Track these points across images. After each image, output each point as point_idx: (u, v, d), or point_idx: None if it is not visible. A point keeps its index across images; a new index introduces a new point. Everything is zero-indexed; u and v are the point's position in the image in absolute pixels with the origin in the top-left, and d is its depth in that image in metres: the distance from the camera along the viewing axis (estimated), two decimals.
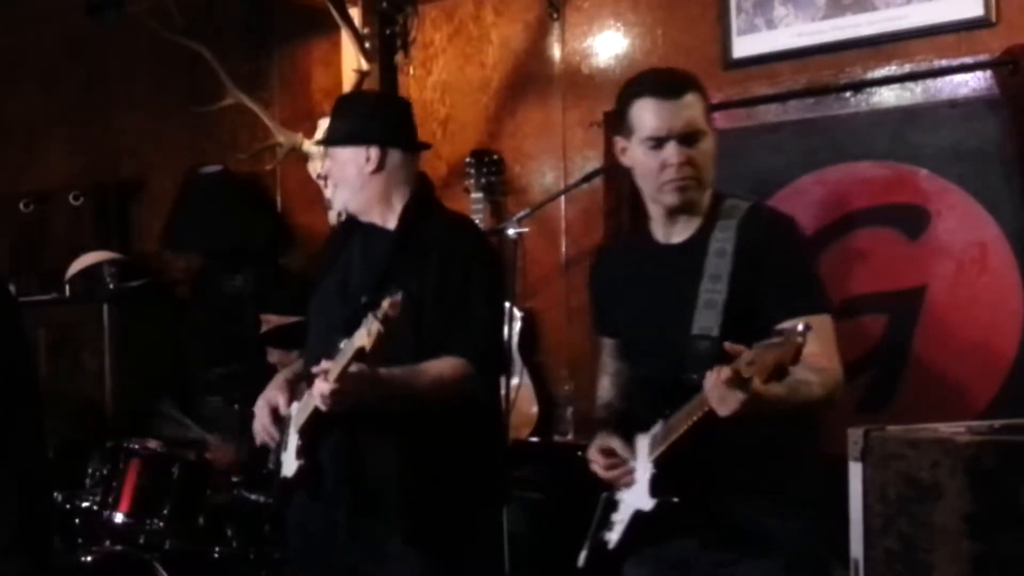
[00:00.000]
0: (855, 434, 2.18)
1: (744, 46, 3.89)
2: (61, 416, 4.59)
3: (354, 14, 4.53)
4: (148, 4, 4.78)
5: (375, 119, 2.84)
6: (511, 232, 4.11)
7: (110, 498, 3.68)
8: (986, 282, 3.44)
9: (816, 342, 2.08)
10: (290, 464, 2.75)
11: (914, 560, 2.06)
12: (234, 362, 4.50)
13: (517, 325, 4.21)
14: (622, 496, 2.41)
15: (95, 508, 3.70)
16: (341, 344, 2.45)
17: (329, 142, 2.90)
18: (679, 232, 2.47)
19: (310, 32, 4.93)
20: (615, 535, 2.40)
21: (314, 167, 4.54)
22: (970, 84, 3.49)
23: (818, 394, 2.23)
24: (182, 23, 4.67)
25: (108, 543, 3.64)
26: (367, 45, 4.50)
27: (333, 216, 4.31)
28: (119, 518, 3.65)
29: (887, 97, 3.65)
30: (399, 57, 4.67)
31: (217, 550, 3.67)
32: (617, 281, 2.61)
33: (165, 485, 3.69)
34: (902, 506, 2.09)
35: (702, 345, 2.29)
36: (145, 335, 5.02)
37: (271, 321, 3.87)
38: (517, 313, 4.20)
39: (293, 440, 2.76)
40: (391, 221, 2.81)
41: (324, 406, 2.51)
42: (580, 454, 2.56)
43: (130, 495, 3.67)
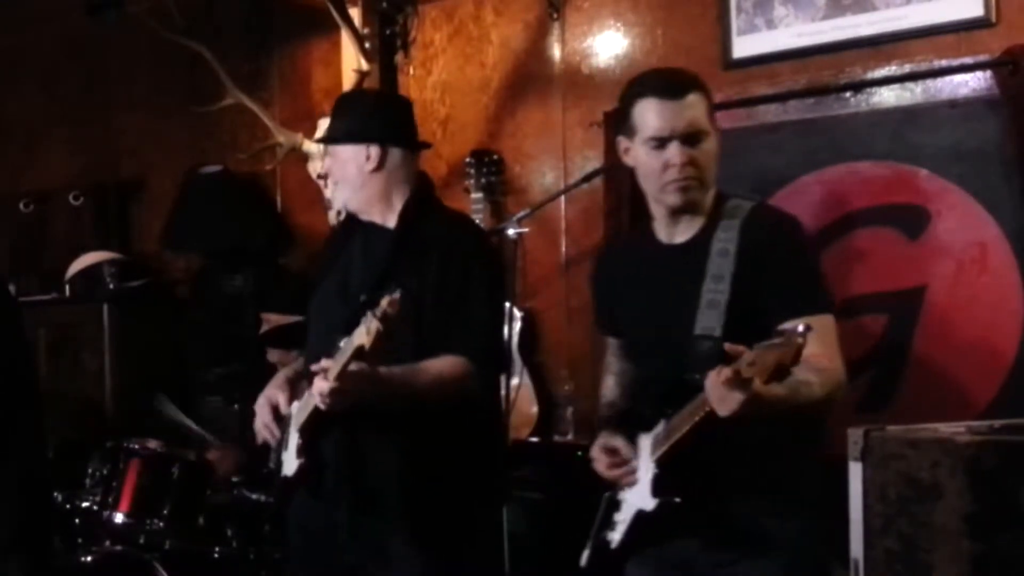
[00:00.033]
0: (855, 434, 2.19)
1: (744, 46, 3.89)
2: (61, 416, 4.59)
3: (354, 14, 4.52)
4: (148, 4, 4.78)
5: (375, 118, 2.84)
6: (511, 232, 4.12)
7: (110, 498, 3.67)
8: (986, 282, 3.44)
9: (818, 342, 2.09)
10: (291, 463, 2.75)
11: (914, 560, 2.06)
12: (234, 362, 4.50)
13: (517, 325, 4.21)
14: (625, 496, 2.41)
15: (95, 508, 3.70)
16: (341, 343, 2.45)
17: (329, 140, 2.90)
18: (682, 232, 2.46)
19: (310, 32, 4.93)
20: (617, 535, 2.40)
21: (314, 167, 4.54)
22: (970, 84, 3.49)
23: (819, 395, 2.22)
24: (182, 23, 4.67)
25: (108, 543, 3.63)
26: (367, 45, 4.49)
27: (333, 216, 4.30)
28: (119, 518, 3.65)
29: (887, 97, 3.66)
30: (399, 57, 4.67)
31: (217, 550, 3.66)
32: (620, 281, 2.61)
33: (165, 485, 3.68)
34: (902, 506, 2.09)
35: (705, 345, 2.28)
36: (145, 335, 5.02)
37: (271, 320, 3.87)
38: (517, 313, 4.20)
39: (294, 439, 2.76)
40: (391, 220, 2.81)
41: (324, 405, 2.51)
42: (580, 454, 2.56)
43: (130, 495, 3.66)
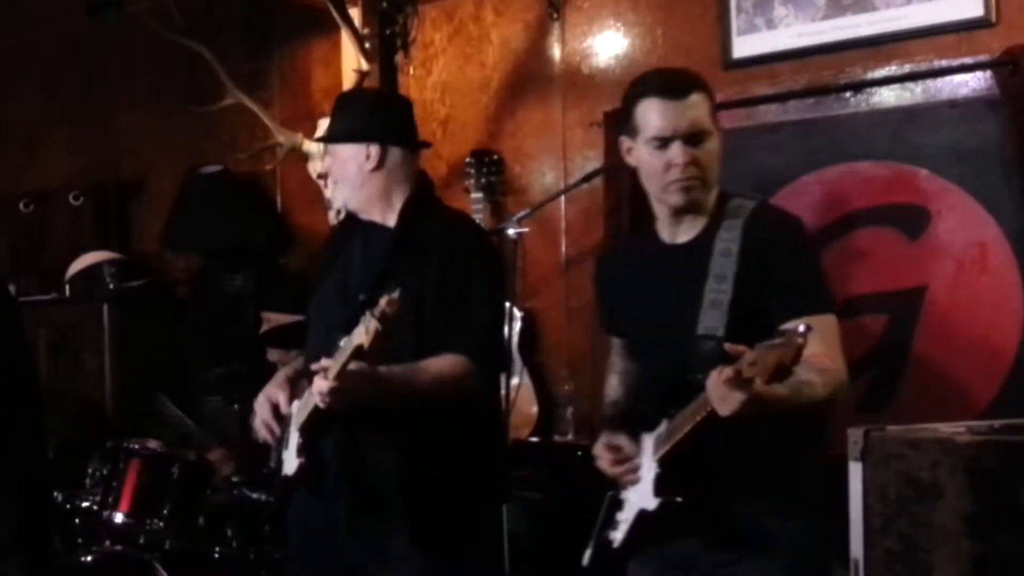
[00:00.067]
0: (855, 434, 2.18)
1: (744, 46, 3.89)
2: (61, 416, 4.59)
3: (354, 14, 4.52)
4: (148, 4, 4.78)
5: (375, 117, 2.84)
6: (511, 232, 4.12)
7: (110, 498, 3.67)
8: (986, 282, 3.44)
9: (820, 342, 2.08)
10: (291, 462, 2.75)
11: (914, 560, 2.06)
12: (234, 362, 4.50)
13: (517, 325, 4.21)
14: (627, 495, 2.40)
15: (95, 508, 3.70)
16: (340, 342, 2.45)
17: (329, 139, 2.90)
18: (684, 232, 2.46)
19: (310, 32, 4.93)
20: (620, 534, 2.40)
21: (314, 167, 4.54)
22: (970, 84, 3.49)
23: (820, 395, 2.22)
24: (182, 23, 4.67)
25: (108, 543, 3.63)
26: (367, 45, 4.49)
27: (333, 216, 4.30)
28: (119, 518, 3.65)
29: (887, 97, 3.66)
30: (399, 57, 4.67)
31: (217, 550, 3.66)
32: (622, 281, 2.61)
33: (165, 485, 3.68)
34: (902, 506, 2.09)
35: (707, 345, 2.28)
36: (145, 335, 5.03)
37: (271, 320, 3.87)
38: (517, 313, 4.20)
39: (294, 438, 2.75)
40: (391, 219, 2.80)
41: (323, 404, 2.51)
42: (580, 454, 2.56)
43: (130, 495, 3.66)
